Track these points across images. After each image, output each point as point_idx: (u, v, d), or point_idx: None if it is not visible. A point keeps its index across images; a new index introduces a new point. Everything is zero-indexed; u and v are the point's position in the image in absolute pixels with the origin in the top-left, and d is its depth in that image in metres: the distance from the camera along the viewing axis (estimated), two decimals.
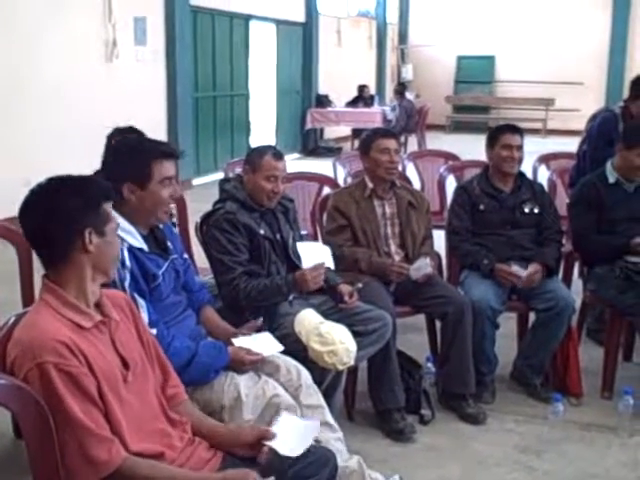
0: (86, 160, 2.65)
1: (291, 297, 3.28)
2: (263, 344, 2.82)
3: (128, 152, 2.64)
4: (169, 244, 2.76)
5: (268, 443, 2.12)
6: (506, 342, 4.12)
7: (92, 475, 1.84)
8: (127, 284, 2.42)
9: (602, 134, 4.77)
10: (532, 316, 3.97)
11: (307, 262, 3.28)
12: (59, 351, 1.83)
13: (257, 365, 2.74)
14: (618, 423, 3.55)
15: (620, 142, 4.05)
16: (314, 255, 3.34)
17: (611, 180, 4.03)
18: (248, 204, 3.29)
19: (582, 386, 3.83)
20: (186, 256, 2.96)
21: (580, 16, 16.61)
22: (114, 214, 2.07)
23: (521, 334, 4.14)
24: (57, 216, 1.94)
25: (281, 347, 2.84)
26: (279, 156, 3.34)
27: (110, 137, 3.91)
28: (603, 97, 15.98)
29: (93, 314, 1.99)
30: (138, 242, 2.58)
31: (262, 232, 3.28)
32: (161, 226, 2.75)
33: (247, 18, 11.83)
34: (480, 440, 3.45)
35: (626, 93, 4.73)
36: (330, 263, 3.29)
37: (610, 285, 3.88)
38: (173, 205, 2.69)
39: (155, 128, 8.76)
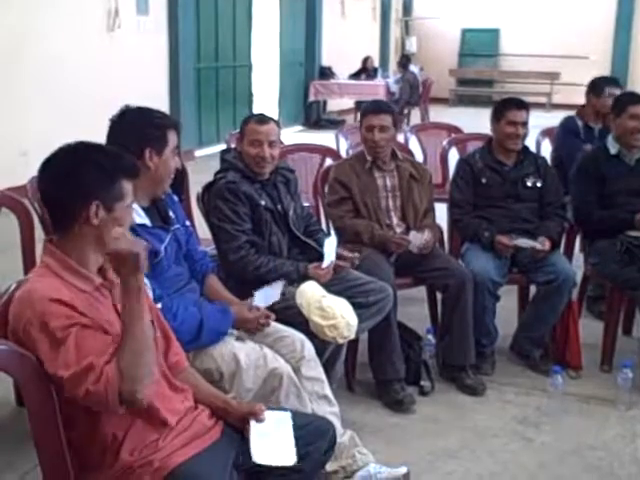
0: (86, 132, 2.62)
1: None
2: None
3: (145, 118, 2.64)
4: (171, 214, 2.76)
5: (252, 424, 2.13)
6: (507, 314, 4.13)
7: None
8: None
9: (566, 130, 4.98)
10: (533, 289, 3.98)
11: (327, 261, 3.29)
12: (58, 307, 1.84)
13: (262, 332, 2.78)
14: (617, 396, 3.57)
15: (611, 114, 4.12)
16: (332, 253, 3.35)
17: (613, 151, 4.02)
18: (248, 174, 3.29)
19: (582, 359, 3.84)
20: (188, 223, 2.97)
21: None
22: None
23: (522, 307, 4.15)
24: (68, 181, 1.93)
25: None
26: (263, 121, 3.31)
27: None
28: (608, 72, 15.83)
29: (94, 278, 1.99)
30: (140, 218, 2.58)
31: (263, 203, 3.28)
32: (162, 196, 2.76)
33: None
34: (479, 411, 3.47)
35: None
36: (333, 256, 3.31)
37: (611, 259, 3.88)
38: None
39: (157, 99, 8.73)
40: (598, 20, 16.41)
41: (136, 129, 2.60)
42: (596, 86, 5.01)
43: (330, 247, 3.33)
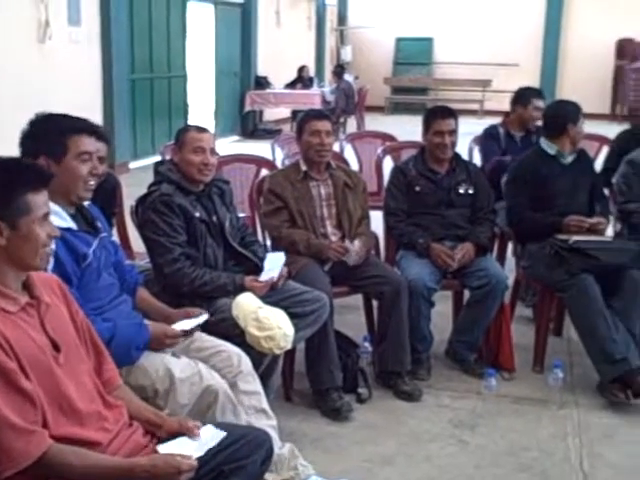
0: (15, 145, 2.58)
1: None
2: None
3: (43, 125, 2.57)
4: (98, 223, 2.73)
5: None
6: (442, 320, 4.20)
7: (11, 467, 1.81)
8: (50, 268, 2.38)
9: (488, 133, 5.17)
10: (467, 294, 4.06)
11: (265, 275, 3.29)
12: None
13: (193, 347, 2.76)
14: (548, 396, 3.68)
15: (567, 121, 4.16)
16: (273, 269, 3.35)
17: (551, 152, 4.12)
18: (183, 186, 3.28)
19: (514, 361, 3.93)
20: (113, 238, 2.93)
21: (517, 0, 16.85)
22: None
23: (456, 312, 4.22)
24: None
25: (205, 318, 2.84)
26: (202, 129, 3.35)
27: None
28: (538, 78, 16.28)
29: (19, 297, 1.95)
30: (65, 222, 2.52)
31: (197, 214, 3.27)
32: (86, 204, 2.70)
33: None
34: (415, 416, 3.52)
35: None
36: (276, 273, 3.31)
37: (541, 262, 3.98)
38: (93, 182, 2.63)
39: (90, 111, 8.59)
40: (528, 29, 16.81)
41: (33, 137, 2.54)
42: (522, 97, 5.16)
43: (273, 263, 3.34)
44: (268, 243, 3.99)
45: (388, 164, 5.26)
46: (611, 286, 3.81)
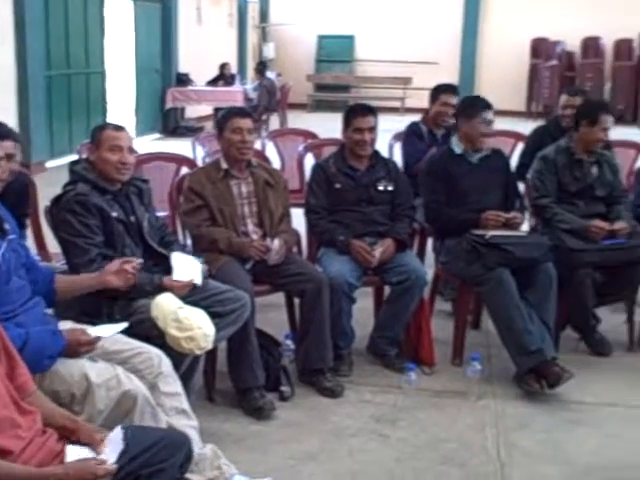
0: None
1: None
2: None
3: None
4: (6, 225, 2.65)
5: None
6: (363, 316, 4.24)
7: None
8: None
9: (411, 131, 5.20)
10: (388, 289, 4.11)
11: (178, 274, 3.24)
12: None
13: (112, 349, 2.71)
14: (467, 388, 3.76)
15: (460, 116, 4.29)
16: (187, 269, 3.30)
17: (457, 151, 4.21)
18: (100, 185, 3.22)
19: (434, 355, 4.00)
20: (25, 240, 2.86)
21: None
22: None
23: (377, 307, 4.27)
24: None
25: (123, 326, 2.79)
26: (120, 128, 3.30)
27: None
28: (457, 76, 16.58)
29: None
30: None
31: (115, 214, 3.21)
32: None
33: None
34: (338, 412, 3.54)
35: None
36: (199, 279, 3.27)
37: (459, 257, 4.06)
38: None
39: (3, 111, 8.35)
40: (447, 28, 17.09)
41: None
42: (432, 93, 5.23)
43: (184, 263, 3.30)
44: (189, 242, 3.95)
45: (309, 161, 5.28)
46: (526, 279, 3.92)
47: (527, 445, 3.31)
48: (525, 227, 4.46)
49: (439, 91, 5.20)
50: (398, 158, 5.20)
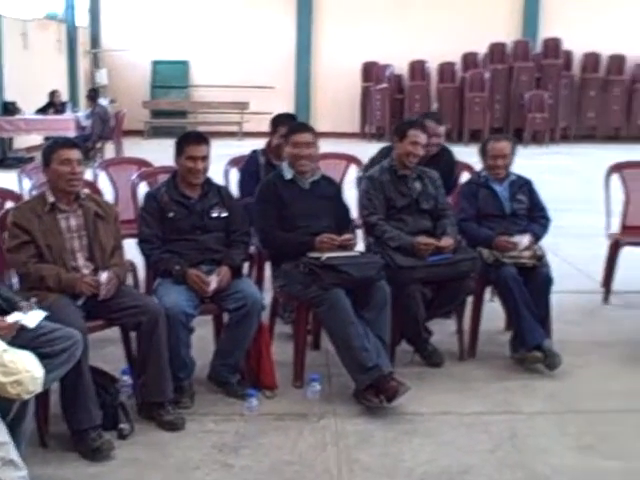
0: None
1: None
2: None
3: None
4: None
5: None
6: (203, 344, 4.20)
7: None
8: None
9: (247, 169, 5.14)
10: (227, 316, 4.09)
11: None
12: None
13: None
14: (308, 409, 3.82)
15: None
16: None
17: (288, 177, 4.29)
18: None
19: (276, 378, 4.02)
20: None
21: (268, 22, 17.31)
22: None
23: (217, 335, 4.25)
24: None
25: None
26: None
27: None
28: (292, 100, 16.90)
29: None
30: None
31: None
32: None
33: None
34: (179, 446, 3.48)
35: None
36: (32, 323, 3.12)
37: (296, 280, 4.12)
38: None
39: None
40: (281, 52, 17.37)
41: None
42: (272, 124, 5.19)
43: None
44: (14, 280, 3.78)
45: (144, 190, 5.17)
46: (361, 298, 4.04)
47: (368, 460, 3.39)
48: (360, 247, 4.58)
49: (278, 122, 5.14)
50: (234, 184, 5.22)
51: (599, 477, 3.34)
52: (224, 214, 4.19)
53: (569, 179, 11.18)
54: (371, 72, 16.67)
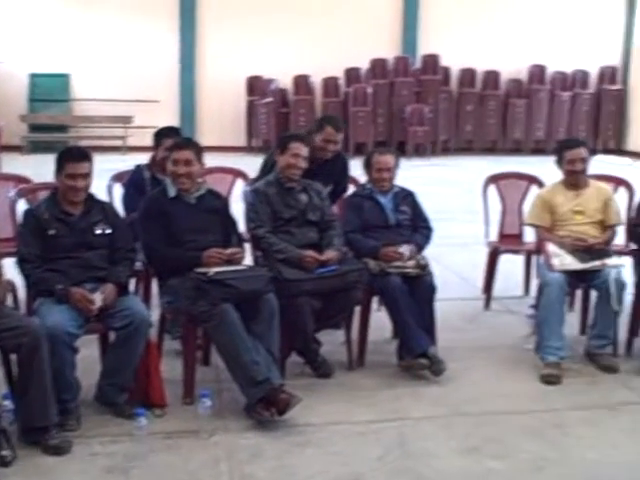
0: None
1: None
2: None
3: None
4: None
5: None
6: (90, 364, 4.07)
7: None
8: None
9: (132, 184, 5.08)
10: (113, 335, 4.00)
11: None
12: None
13: None
14: (199, 426, 3.78)
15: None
16: None
17: (172, 194, 4.25)
18: None
19: (165, 396, 3.96)
20: None
21: (151, 35, 17.04)
22: None
23: (104, 354, 4.14)
24: None
25: None
26: None
27: None
28: (177, 113, 16.71)
29: None
30: None
31: None
32: None
33: None
34: (67, 470, 3.37)
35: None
36: None
37: (183, 296, 4.08)
38: None
39: None
40: (164, 65, 17.13)
41: None
42: (155, 138, 5.14)
43: None
44: None
45: (23, 207, 5.00)
46: (250, 312, 4.04)
47: (261, 474, 3.39)
48: (248, 261, 4.59)
49: (161, 135, 5.09)
50: (119, 199, 5.12)
51: (483, 478, 3.46)
52: (108, 231, 4.10)
53: (450, 190, 11.56)
54: (256, 86, 16.72)
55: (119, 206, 4.85)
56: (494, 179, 6.06)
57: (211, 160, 5.03)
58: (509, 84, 17.52)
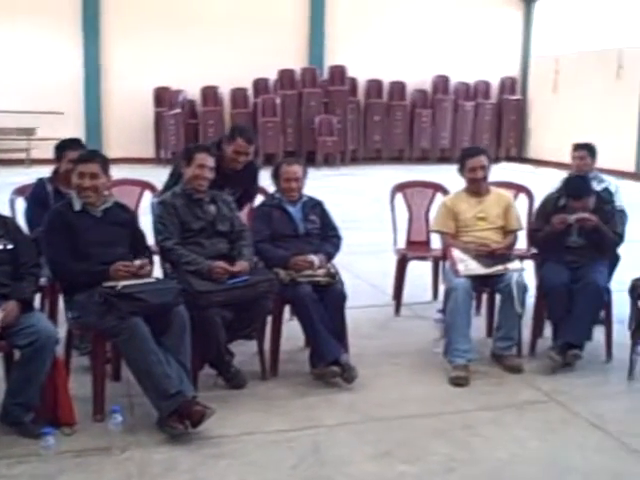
0: None
1: None
2: None
3: None
4: None
5: None
6: None
7: None
8: None
9: (35, 198, 4.96)
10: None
11: None
12: None
13: None
14: (111, 442, 3.70)
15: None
16: None
17: (77, 208, 4.17)
18: None
19: (74, 414, 3.87)
20: None
21: (53, 46, 16.60)
22: None
23: (8, 373, 4.01)
24: None
25: None
26: None
27: None
28: (83, 126, 16.36)
29: None
30: None
31: None
32: None
33: None
34: None
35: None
36: None
37: (91, 311, 4.00)
38: None
39: None
40: (69, 77, 16.73)
41: None
42: (57, 151, 4.99)
43: None
44: None
45: None
46: (160, 325, 4.00)
47: None
48: (157, 273, 4.53)
49: (63, 148, 4.97)
50: (21, 213, 4.99)
51: None
52: (10, 246, 3.98)
53: (359, 199, 11.73)
54: (163, 97, 16.53)
55: (22, 220, 4.73)
56: (401, 187, 6.19)
57: (118, 172, 4.96)
58: (414, 94, 17.91)
